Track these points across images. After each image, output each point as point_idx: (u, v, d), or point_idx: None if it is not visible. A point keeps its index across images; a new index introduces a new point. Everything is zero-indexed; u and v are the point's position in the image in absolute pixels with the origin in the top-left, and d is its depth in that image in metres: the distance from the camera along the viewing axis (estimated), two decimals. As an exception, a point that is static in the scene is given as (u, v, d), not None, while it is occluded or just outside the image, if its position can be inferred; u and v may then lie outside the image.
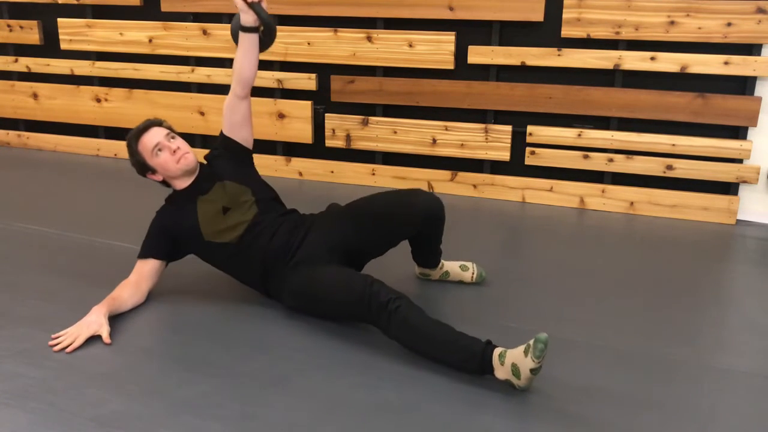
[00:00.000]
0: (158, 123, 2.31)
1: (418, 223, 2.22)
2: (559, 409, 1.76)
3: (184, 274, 2.51)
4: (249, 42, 2.32)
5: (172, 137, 2.27)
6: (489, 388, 1.82)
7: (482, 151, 3.65)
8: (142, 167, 2.28)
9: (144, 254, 2.30)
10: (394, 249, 2.31)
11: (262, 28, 2.35)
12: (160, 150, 2.22)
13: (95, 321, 2.07)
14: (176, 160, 2.23)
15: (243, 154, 2.42)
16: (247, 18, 2.28)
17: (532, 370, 1.71)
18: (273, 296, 2.29)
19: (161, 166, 2.24)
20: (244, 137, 2.41)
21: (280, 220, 2.28)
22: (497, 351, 1.79)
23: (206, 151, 2.44)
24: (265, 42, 2.40)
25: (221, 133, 2.43)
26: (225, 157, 2.39)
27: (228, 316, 2.24)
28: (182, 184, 2.30)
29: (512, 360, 1.74)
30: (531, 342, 1.71)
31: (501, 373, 1.77)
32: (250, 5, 2.25)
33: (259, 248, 2.21)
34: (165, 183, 2.34)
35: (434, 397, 1.79)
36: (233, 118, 2.38)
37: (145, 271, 2.29)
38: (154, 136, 2.24)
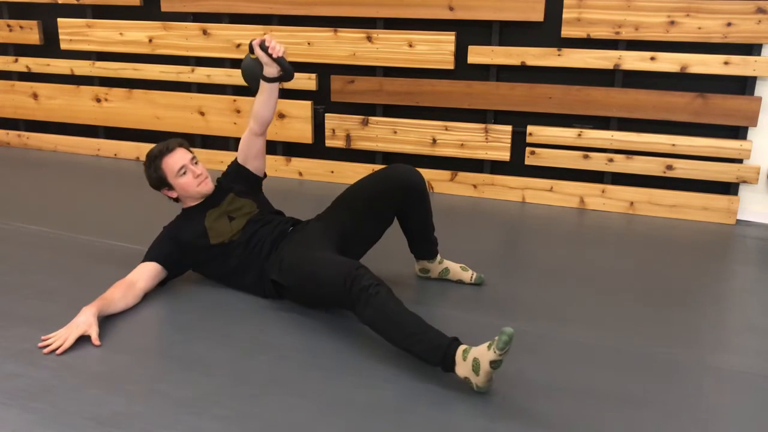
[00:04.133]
0: (180, 143, 2.42)
1: (400, 194, 2.31)
2: (559, 408, 1.76)
3: (183, 274, 2.51)
4: (270, 89, 2.44)
5: (195, 162, 2.42)
6: (491, 391, 1.82)
7: (482, 151, 3.65)
8: (161, 182, 2.38)
9: (147, 258, 2.37)
10: (394, 248, 2.31)
11: (282, 75, 2.42)
12: (184, 173, 2.36)
13: (84, 321, 2.06)
14: (197, 183, 2.39)
15: (254, 180, 2.57)
16: (271, 70, 2.39)
17: (491, 363, 1.70)
18: (265, 285, 2.32)
19: (181, 187, 2.38)
20: (257, 167, 2.57)
21: (279, 218, 2.45)
22: (462, 347, 1.80)
23: (206, 151, 2.45)
24: (282, 82, 2.48)
25: (235, 160, 2.57)
26: (236, 180, 2.54)
27: (227, 317, 2.24)
28: (193, 202, 2.45)
29: (474, 355, 1.75)
30: (497, 336, 1.72)
31: (461, 369, 1.78)
32: (276, 60, 2.35)
33: (257, 235, 2.34)
34: (176, 200, 2.47)
35: (432, 398, 1.79)
36: (249, 152, 2.53)
37: (145, 272, 2.32)
38: (181, 158, 2.36)
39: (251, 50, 2.38)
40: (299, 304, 2.30)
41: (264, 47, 2.34)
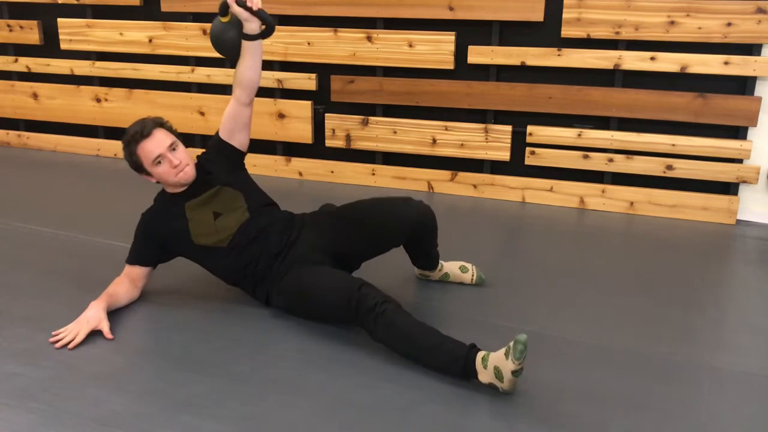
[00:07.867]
0: (160, 124, 2.22)
1: (408, 234, 2.21)
2: (559, 409, 1.76)
3: (182, 274, 2.51)
4: (254, 49, 2.26)
5: (174, 148, 2.19)
6: (489, 389, 1.82)
7: (482, 151, 3.65)
8: (138, 168, 2.21)
9: (131, 261, 2.31)
10: (395, 249, 2.31)
11: (264, 28, 2.28)
12: (160, 162, 2.16)
13: (95, 316, 2.08)
14: (175, 173, 2.18)
15: (236, 157, 2.39)
16: (253, 26, 2.23)
17: (513, 372, 1.70)
18: (259, 298, 2.28)
19: (159, 176, 2.19)
20: (240, 141, 2.38)
21: (270, 222, 2.27)
22: (480, 355, 1.79)
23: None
24: (265, 38, 2.31)
25: (217, 134, 2.38)
26: (219, 162, 2.34)
27: (227, 316, 2.24)
28: (176, 189, 2.27)
29: (494, 363, 1.75)
30: (511, 344, 1.71)
31: (484, 377, 1.78)
32: (255, 13, 2.19)
33: (250, 250, 2.20)
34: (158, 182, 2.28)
35: (433, 398, 1.79)
36: (236, 125, 2.34)
37: (134, 274, 2.30)
38: (157, 145, 2.15)
39: (223, 12, 2.19)
40: (298, 317, 2.23)
41: (241, 2, 2.15)
